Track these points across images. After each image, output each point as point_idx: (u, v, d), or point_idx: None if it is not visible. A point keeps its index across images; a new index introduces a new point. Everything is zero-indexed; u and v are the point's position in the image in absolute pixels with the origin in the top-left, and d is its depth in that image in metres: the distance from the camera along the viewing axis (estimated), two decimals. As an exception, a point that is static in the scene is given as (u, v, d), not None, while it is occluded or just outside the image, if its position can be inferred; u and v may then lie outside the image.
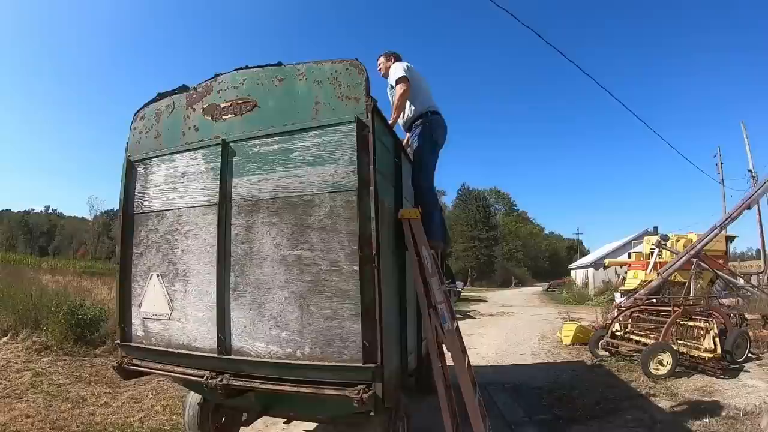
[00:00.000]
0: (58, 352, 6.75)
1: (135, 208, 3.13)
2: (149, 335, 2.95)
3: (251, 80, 2.88)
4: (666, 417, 5.04)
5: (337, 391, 2.37)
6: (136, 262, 3.05)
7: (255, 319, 2.60)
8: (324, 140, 2.59)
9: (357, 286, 2.40)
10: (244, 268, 2.66)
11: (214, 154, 2.85)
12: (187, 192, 2.92)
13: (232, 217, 2.73)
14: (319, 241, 2.51)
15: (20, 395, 4.90)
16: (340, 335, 2.42)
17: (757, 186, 13.80)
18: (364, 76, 2.63)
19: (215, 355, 2.65)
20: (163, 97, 3.23)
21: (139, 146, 3.24)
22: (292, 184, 2.62)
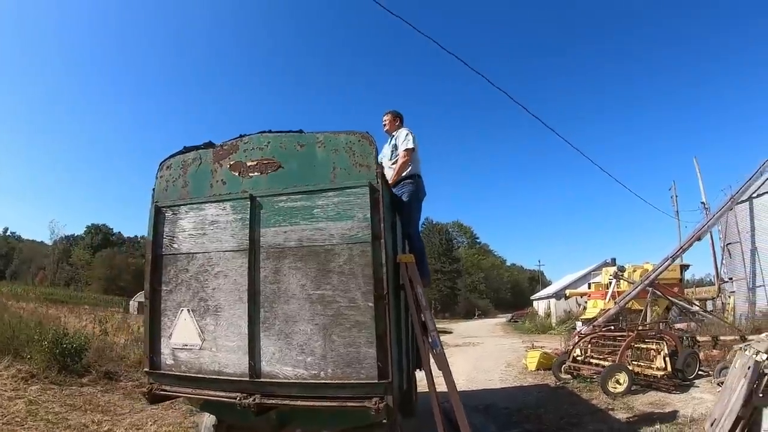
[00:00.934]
0: (44, 380, 6.68)
1: (163, 249, 3.50)
2: (179, 363, 3.31)
3: (275, 144, 3.45)
4: (623, 426, 5.79)
5: (358, 403, 2.90)
6: (166, 298, 3.42)
7: (283, 347, 3.09)
8: (341, 200, 3.18)
9: (372, 319, 2.96)
10: (273, 305, 3.15)
11: (243, 206, 3.34)
12: (217, 238, 3.37)
13: (261, 261, 3.23)
14: (339, 283, 3.06)
15: (21, 422, 4.97)
16: (357, 358, 2.96)
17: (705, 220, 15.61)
18: (374, 147, 3.29)
19: (246, 378, 3.08)
20: (189, 151, 3.68)
21: (166, 193, 3.65)
22: (314, 236, 3.17)
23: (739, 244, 16.58)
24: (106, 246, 68.14)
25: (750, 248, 16.19)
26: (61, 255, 61.30)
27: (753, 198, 16.22)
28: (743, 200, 16.32)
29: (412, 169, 4.53)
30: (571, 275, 38.65)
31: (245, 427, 3.91)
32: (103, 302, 35.80)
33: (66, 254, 63.15)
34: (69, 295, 35.74)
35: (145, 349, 3.46)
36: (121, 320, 17.22)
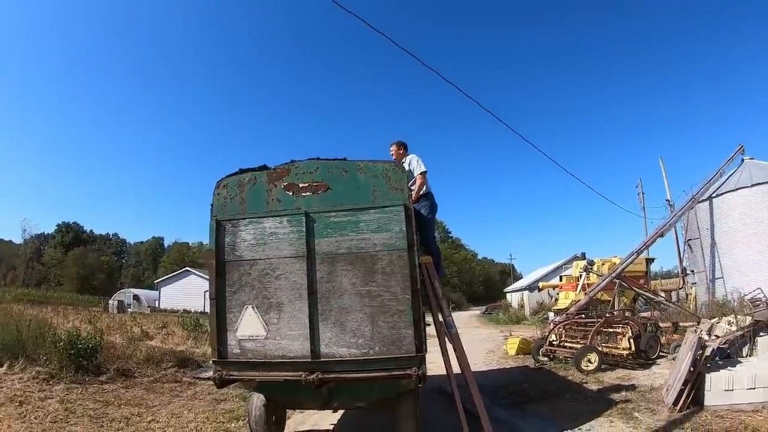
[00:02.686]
0: (65, 381, 6.96)
1: (226, 257, 4.13)
2: (245, 352, 3.96)
3: (323, 169, 4.18)
4: (595, 395, 6.99)
5: (401, 372, 3.69)
6: (230, 298, 4.05)
7: (338, 332, 3.85)
8: (381, 216, 3.98)
9: (409, 308, 3.80)
10: (329, 300, 3.90)
11: (298, 220, 4.04)
12: (277, 246, 4.05)
13: (317, 265, 3.96)
14: (383, 281, 3.87)
15: (65, 420, 5.34)
16: (398, 338, 3.78)
17: (668, 218, 17.00)
18: (405, 174, 4.18)
19: (309, 359, 3.79)
20: (244, 172, 4.33)
21: (225, 209, 4.26)
22: (361, 244, 3.95)
23: (699, 240, 18.07)
24: (78, 244, 66.28)
25: (710, 243, 17.68)
26: (33, 254, 59.15)
27: (713, 197, 17.72)
28: (704, 199, 17.79)
29: (426, 189, 5.45)
30: (543, 268, 40.45)
31: (294, 403, 4.64)
32: (80, 302, 35.11)
33: (37, 253, 61.28)
34: (45, 295, 34.84)
35: (212, 342, 4.09)
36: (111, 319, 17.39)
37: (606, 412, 5.95)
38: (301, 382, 3.75)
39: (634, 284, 15.18)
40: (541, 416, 5.91)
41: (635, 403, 6.29)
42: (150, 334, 13.84)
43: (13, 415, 5.24)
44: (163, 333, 14.64)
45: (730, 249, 17.08)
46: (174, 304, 38.89)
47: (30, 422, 5.07)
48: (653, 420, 5.50)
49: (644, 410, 5.92)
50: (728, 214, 17.30)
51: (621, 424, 5.44)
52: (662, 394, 6.42)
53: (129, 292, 42.74)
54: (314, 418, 5.93)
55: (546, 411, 6.15)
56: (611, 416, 5.76)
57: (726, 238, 17.29)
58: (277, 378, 3.87)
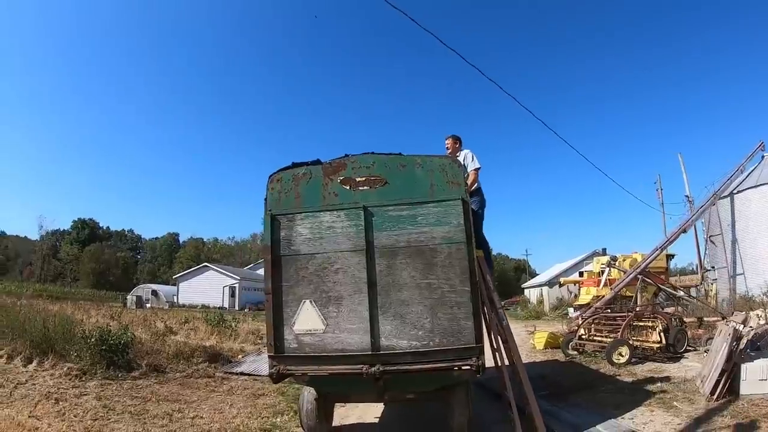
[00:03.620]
0: (98, 377, 6.98)
1: (282, 251, 4.15)
2: (303, 346, 3.99)
3: (380, 163, 4.20)
4: (631, 386, 7.06)
5: (461, 363, 3.75)
6: (287, 292, 4.06)
7: (398, 325, 3.88)
8: (439, 210, 4.01)
9: (469, 299, 3.84)
10: (389, 293, 3.93)
11: (356, 214, 4.06)
12: (335, 240, 4.07)
13: (376, 258, 3.98)
14: (442, 273, 3.90)
15: (106, 417, 5.29)
16: (458, 329, 3.82)
17: (690, 214, 16.91)
18: (462, 169, 4.21)
19: (369, 352, 3.81)
20: (298, 166, 4.34)
21: (279, 203, 4.27)
22: (420, 238, 3.98)
23: (721, 236, 17.88)
24: (94, 240, 66.96)
25: (731, 240, 17.50)
26: (49, 250, 60.05)
27: (734, 194, 17.53)
28: (725, 196, 17.61)
29: (476, 185, 5.51)
30: (560, 264, 40.28)
31: (346, 397, 4.67)
32: (98, 297, 35.56)
33: (54, 249, 62.11)
34: (62, 291, 35.38)
35: (268, 337, 4.10)
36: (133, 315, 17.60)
37: (645, 401, 6.04)
38: (362, 375, 3.78)
39: (657, 280, 15.20)
40: (582, 406, 5.97)
41: (672, 393, 6.38)
42: (173, 329, 14.00)
43: (51, 413, 5.24)
44: (186, 328, 14.81)
45: (752, 245, 16.90)
46: (193, 299, 39.01)
47: (70, 420, 5.04)
48: (692, 408, 5.61)
49: (682, 400, 6.02)
50: (749, 211, 17.14)
51: (661, 413, 5.53)
52: (697, 384, 6.54)
53: (147, 288, 42.93)
54: (357, 411, 5.97)
55: (586, 401, 6.22)
56: (650, 405, 5.86)
57: (747, 234, 17.12)
58: (336, 371, 3.89)
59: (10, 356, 7.39)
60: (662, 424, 5.16)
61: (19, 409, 5.27)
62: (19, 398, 5.69)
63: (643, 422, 5.26)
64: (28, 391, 5.98)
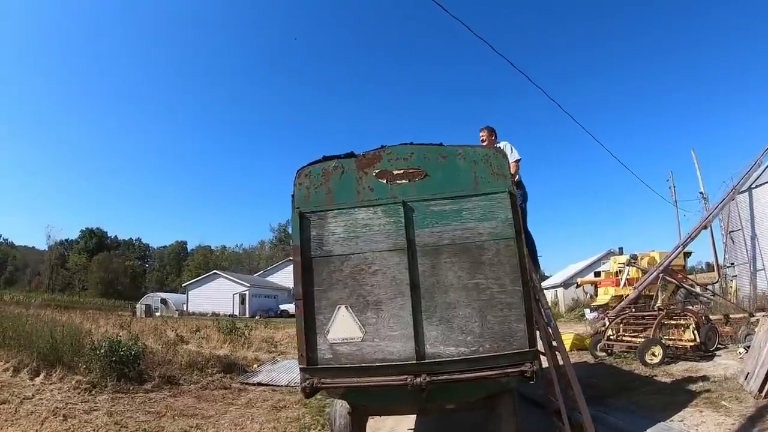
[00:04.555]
0: (108, 390, 6.66)
1: (313, 252, 3.79)
2: (339, 356, 3.62)
3: (419, 154, 3.86)
4: (671, 387, 6.78)
5: (515, 369, 3.41)
6: (319, 298, 3.70)
7: (444, 330, 3.53)
8: (485, 204, 3.69)
9: (521, 300, 3.52)
10: (434, 295, 3.58)
11: (395, 210, 3.72)
12: (372, 239, 3.72)
13: (418, 258, 3.64)
14: (491, 272, 3.57)
15: None
16: (510, 333, 3.49)
17: (711, 209, 16.54)
18: (507, 160, 3.87)
19: (413, 361, 3.46)
20: (328, 159, 3.99)
21: (308, 200, 3.92)
22: (465, 234, 3.65)
23: (741, 231, 17.44)
24: (102, 249, 66.89)
25: (750, 235, 17.07)
26: (57, 260, 60.10)
27: (752, 188, 17.13)
28: (743, 190, 17.20)
29: (519, 177, 5.22)
30: (575, 265, 39.61)
31: (383, 409, 4.32)
32: (107, 306, 35.35)
33: (62, 259, 62.14)
34: (71, 300, 35.25)
35: (300, 348, 3.71)
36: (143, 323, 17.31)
37: (691, 402, 5.82)
38: (405, 387, 3.42)
39: (679, 278, 14.86)
40: (626, 409, 5.71)
41: (716, 392, 6.15)
42: (184, 338, 13.70)
43: (59, 431, 4.96)
44: (198, 337, 14.52)
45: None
46: (202, 307, 38.75)
47: (80, 440, 4.66)
48: (742, 407, 5.42)
49: (729, 398, 5.81)
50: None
51: (711, 413, 5.32)
52: (740, 382, 6.34)
53: (156, 296, 42.69)
54: (389, 423, 5.64)
55: (628, 404, 5.95)
56: (698, 406, 5.64)
57: (767, 229, 16.70)
58: (377, 384, 3.53)
59: (16, 369, 7.03)
60: (715, 425, 4.94)
61: (24, 428, 4.98)
62: (24, 415, 5.37)
63: (694, 424, 5.03)
64: (34, 407, 5.66)
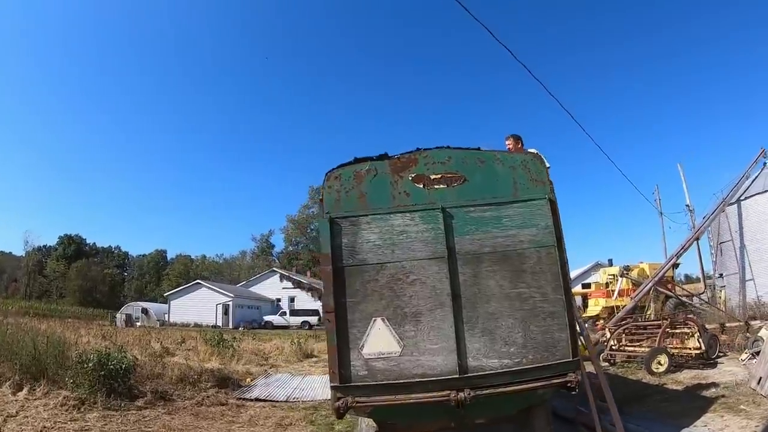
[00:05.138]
0: (98, 407, 6.17)
1: (345, 261, 3.57)
2: (374, 373, 3.39)
3: (456, 158, 3.74)
4: (684, 394, 6.79)
5: (559, 380, 3.32)
6: (353, 309, 3.47)
7: (487, 342, 3.39)
8: (525, 211, 3.59)
9: (563, 308, 3.44)
10: (475, 305, 3.44)
11: (433, 216, 3.57)
12: (409, 247, 3.54)
13: (459, 266, 3.49)
14: (533, 281, 3.46)
15: None
16: (553, 343, 3.39)
17: (702, 221, 16.86)
18: (545, 166, 3.79)
19: (456, 375, 3.28)
20: (360, 162, 3.80)
21: (339, 204, 3.70)
22: (506, 242, 3.54)
23: (731, 242, 17.81)
24: (80, 257, 64.68)
25: (739, 246, 17.44)
26: (35, 266, 58.01)
27: (741, 200, 17.55)
28: (732, 202, 17.62)
29: None
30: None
31: (413, 427, 4.05)
32: (85, 315, 34.01)
33: (39, 266, 60.08)
34: (49, 308, 33.82)
35: (331, 364, 3.45)
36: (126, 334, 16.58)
37: (710, 407, 5.83)
38: (448, 403, 3.24)
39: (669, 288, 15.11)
40: (645, 417, 5.65)
41: (732, 397, 6.16)
42: (170, 350, 13.14)
43: None
44: (184, 348, 13.95)
45: (761, 251, 16.86)
46: (184, 317, 37.68)
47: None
48: (762, 410, 5.47)
49: (746, 402, 5.83)
50: (757, 216, 17.13)
51: (732, 417, 5.34)
52: (751, 387, 6.39)
53: (137, 306, 41.22)
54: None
55: (646, 412, 5.92)
56: (717, 411, 5.65)
57: (755, 240, 17.09)
58: (418, 401, 3.31)
59: (-4, 382, 6.53)
60: (739, 428, 4.97)
61: (10, 451, 4.49)
62: (9, 436, 4.91)
63: (718, 428, 5.05)
64: (20, 427, 5.24)
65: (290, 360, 14.10)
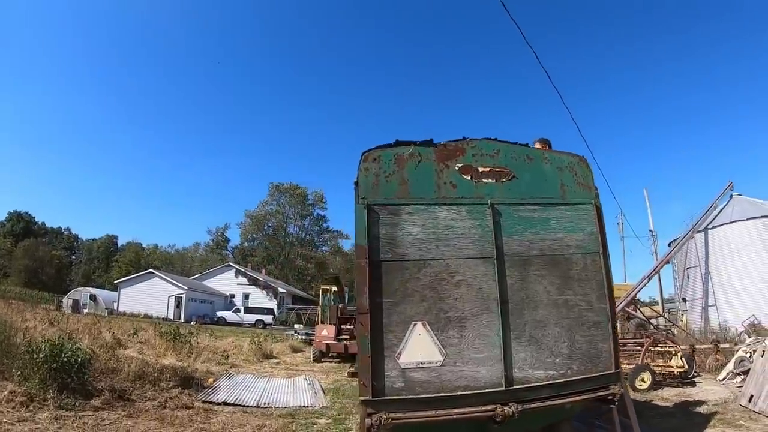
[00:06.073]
0: (50, 406, 5.39)
1: (382, 255, 3.16)
2: (413, 385, 2.99)
3: (505, 153, 3.52)
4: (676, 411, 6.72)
5: (603, 392, 3.18)
6: (390, 311, 3.07)
7: (533, 351, 3.16)
8: (571, 214, 3.45)
9: (607, 318, 3.30)
10: (522, 312, 3.20)
11: (481, 212, 3.30)
12: (455, 244, 3.25)
13: (507, 269, 3.24)
14: (579, 288, 3.30)
15: None
16: (596, 354, 3.25)
17: (672, 247, 17.53)
18: (590, 170, 3.66)
19: (501, 388, 3.02)
20: (402, 145, 3.44)
21: (377, 190, 3.29)
22: (554, 245, 3.35)
23: (698, 268, 18.61)
24: (28, 236, 60.01)
25: (704, 272, 18.23)
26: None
27: (708, 229, 18.43)
28: (700, 230, 18.46)
29: None
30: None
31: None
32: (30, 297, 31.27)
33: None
34: (-7, 289, 30.85)
35: (362, 374, 3.03)
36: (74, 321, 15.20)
37: (708, 423, 5.86)
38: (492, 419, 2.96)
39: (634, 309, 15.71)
40: None
41: (727, 413, 6.22)
42: (122, 341, 12.06)
43: None
44: (137, 341, 12.89)
45: (724, 277, 17.71)
46: (134, 307, 35.37)
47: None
48: (760, 426, 5.57)
49: (744, 419, 5.89)
50: (723, 246, 17.98)
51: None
52: (741, 404, 6.51)
53: (86, 291, 38.43)
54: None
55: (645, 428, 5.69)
56: (716, 427, 5.70)
57: (721, 268, 17.91)
58: (460, 417, 2.94)
59: (-71, 372, 5.60)
60: None
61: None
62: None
63: None
64: (-43, 426, 4.44)
65: (250, 360, 13.50)
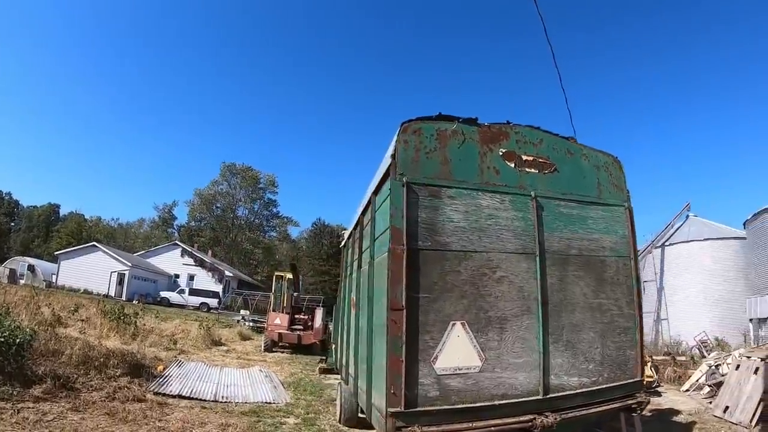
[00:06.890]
0: None
1: (420, 242, 2.79)
2: (448, 394, 2.70)
3: (548, 143, 3.34)
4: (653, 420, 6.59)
5: (631, 401, 3.12)
6: (427, 309, 2.73)
7: (569, 357, 3.01)
8: (606, 215, 3.34)
9: (635, 324, 3.24)
10: (560, 314, 3.04)
11: (524, 204, 3.08)
12: (498, 235, 2.99)
13: (547, 267, 3.05)
14: (611, 292, 3.22)
15: None
16: (624, 360, 3.18)
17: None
18: (623, 172, 3.59)
19: (538, 396, 2.79)
20: (445, 119, 3.10)
21: (416, 166, 2.94)
22: (591, 246, 3.24)
23: (654, 282, 19.55)
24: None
25: (658, 287, 19.18)
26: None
27: (665, 246, 19.38)
28: (658, 246, 19.38)
29: None
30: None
31: None
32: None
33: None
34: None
35: (392, 382, 2.63)
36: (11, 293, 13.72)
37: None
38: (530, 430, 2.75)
39: None
40: None
41: (707, 423, 6.31)
42: (62, 319, 10.94)
43: None
44: (77, 319, 11.82)
45: (676, 293, 18.70)
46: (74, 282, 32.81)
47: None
48: None
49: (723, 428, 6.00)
50: (678, 263, 18.97)
51: None
52: (716, 414, 6.66)
53: (24, 261, 35.47)
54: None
55: None
56: None
57: (674, 284, 18.91)
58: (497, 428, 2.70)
59: None
60: None
61: None
62: None
63: None
64: None
65: (199, 346, 12.91)
